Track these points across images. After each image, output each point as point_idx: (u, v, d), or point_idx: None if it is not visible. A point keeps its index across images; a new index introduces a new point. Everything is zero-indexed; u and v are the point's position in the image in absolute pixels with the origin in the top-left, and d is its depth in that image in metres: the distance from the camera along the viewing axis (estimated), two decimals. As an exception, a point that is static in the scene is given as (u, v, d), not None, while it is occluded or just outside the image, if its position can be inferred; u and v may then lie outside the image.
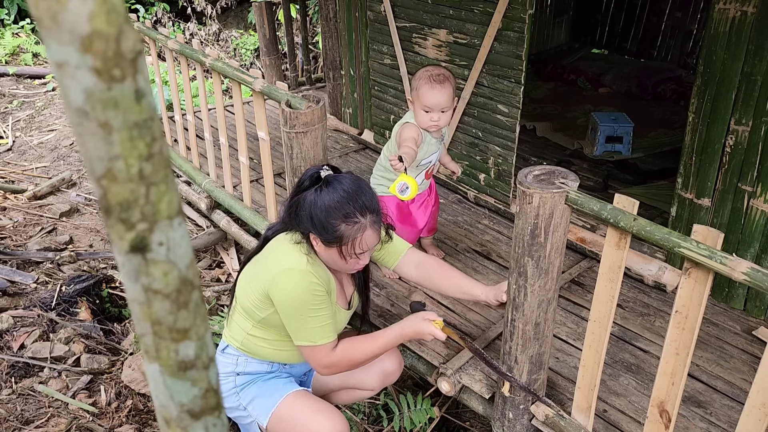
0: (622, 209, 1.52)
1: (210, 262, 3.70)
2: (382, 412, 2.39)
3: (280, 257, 1.83)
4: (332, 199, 1.76)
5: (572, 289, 2.67)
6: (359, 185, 1.82)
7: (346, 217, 1.75)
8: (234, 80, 2.78)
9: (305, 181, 1.85)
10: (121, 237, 0.45)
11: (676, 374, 1.53)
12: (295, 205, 1.83)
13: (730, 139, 2.33)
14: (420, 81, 2.37)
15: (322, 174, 1.83)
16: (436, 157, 2.56)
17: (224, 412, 0.59)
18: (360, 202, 1.77)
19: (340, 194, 1.76)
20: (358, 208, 1.76)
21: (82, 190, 4.47)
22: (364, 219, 1.77)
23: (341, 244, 1.77)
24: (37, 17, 0.39)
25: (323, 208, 1.76)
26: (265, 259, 1.89)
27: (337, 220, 1.75)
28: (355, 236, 1.76)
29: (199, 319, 0.52)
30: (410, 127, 2.44)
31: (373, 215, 1.80)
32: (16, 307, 3.00)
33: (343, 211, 1.75)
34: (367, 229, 1.78)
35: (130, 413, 2.53)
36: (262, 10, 4.63)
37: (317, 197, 1.78)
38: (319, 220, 1.76)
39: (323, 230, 1.76)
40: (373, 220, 1.80)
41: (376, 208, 1.82)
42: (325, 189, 1.79)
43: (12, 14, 7.66)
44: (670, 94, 4.65)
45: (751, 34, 2.18)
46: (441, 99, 2.35)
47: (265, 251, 1.91)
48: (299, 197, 1.83)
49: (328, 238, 1.77)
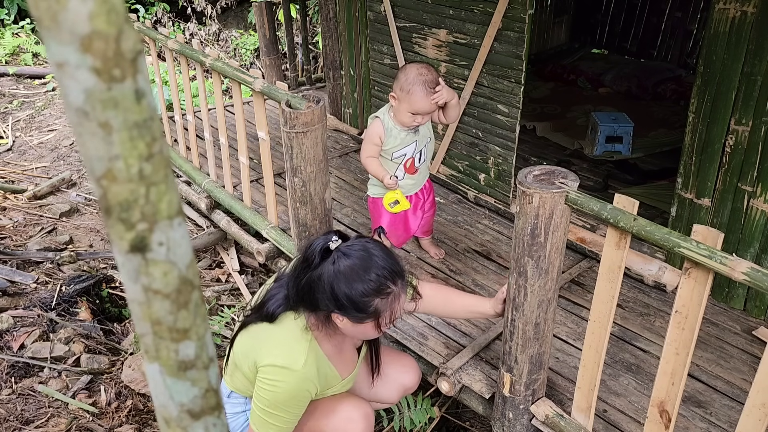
0: (622, 209, 1.52)
1: (210, 262, 3.70)
2: (382, 412, 2.39)
3: (281, 347, 1.70)
4: (358, 275, 1.60)
5: (572, 289, 2.67)
6: (378, 250, 1.66)
7: (378, 291, 1.61)
8: (234, 80, 2.78)
9: (314, 257, 1.65)
10: (121, 237, 0.45)
11: (676, 374, 1.53)
12: (309, 285, 1.65)
13: (730, 139, 2.33)
14: (414, 85, 2.30)
15: (331, 246, 1.66)
16: (412, 150, 2.50)
17: (224, 412, 0.59)
18: (387, 269, 1.63)
19: (364, 267, 1.61)
20: (389, 276, 1.63)
21: (82, 190, 4.47)
22: (396, 287, 1.65)
23: (377, 318, 1.64)
24: (37, 17, 0.39)
25: (350, 286, 1.60)
26: (266, 339, 1.74)
27: (370, 296, 1.61)
28: (392, 306, 1.65)
29: (199, 319, 0.52)
30: (375, 123, 2.46)
31: (402, 279, 1.68)
32: (16, 307, 3.00)
33: (374, 286, 1.60)
34: (401, 296, 1.67)
35: (130, 413, 2.53)
36: (262, 10, 4.63)
37: (338, 275, 1.60)
38: (348, 300, 1.60)
39: (354, 309, 1.62)
40: (402, 285, 1.68)
41: (401, 269, 1.69)
42: (344, 263, 1.61)
43: (12, 14, 7.66)
44: (670, 94, 4.64)
45: (751, 34, 2.18)
46: (432, 107, 2.36)
47: (268, 328, 1.75)
48: (311, 275, 1.65)
49: (360, 317, 1.64)
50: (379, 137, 2.45)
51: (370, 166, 2.50)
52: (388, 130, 2.43)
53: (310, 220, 2.52)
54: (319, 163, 2.40)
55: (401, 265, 1.71)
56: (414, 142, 2.49)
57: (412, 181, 2.58)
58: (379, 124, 2.44)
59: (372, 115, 2.50)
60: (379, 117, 2.46)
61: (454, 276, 2.75)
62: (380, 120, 2.45)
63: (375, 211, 2.64)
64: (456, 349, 2.31)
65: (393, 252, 1.73)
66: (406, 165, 2.53)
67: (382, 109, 2.48)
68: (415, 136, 2.48)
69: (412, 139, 2.48)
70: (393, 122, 2.43)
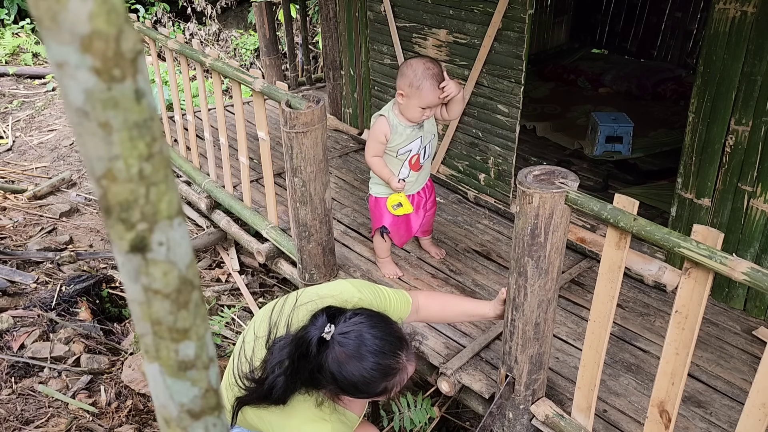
0: (622, 209, 1.52)
1: (210, 262, 3.70)
2: (382, 412, 2.39)
3: (303, 426, 1.62)
4: (361, 364, 1.52)
5: (572, 289, 2.67)
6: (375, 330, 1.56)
7: (385, 374, 1.54)
8: (234, 80, 2.78)
9: (310, 349, 1.55)
10: (121, 237, 0.45)
11: (676, 374, 1.53)
12: (311, 376, 1.57)
13: (730, 139, 2.33)
14: (424, 80, 2.30)
15: (326, 337, 1.55)
16: (417, 146, 2.50)
17: (224, 412, 0.59)
18: (388, 350, 1.54)
19: (365, 354, 1.52)
20: (392, 356, 1.55)
21: (82, 190, 4.47)
22: (402, 361, 1.57)
23: (388, 393, 1.59)
24: (37, 17, 0.39)
25: (354, 376, 1.52)
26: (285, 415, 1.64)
27: (377, 381, 1.54)
28: (401, 378, 1.59)
29: (199, 319, 0.52)
30: (380, 121, 2.45)
31: (408, 348, 1.60)
32: (16, 307, 3.00)
33: (379, 373, 1.53)
34: (407, 366, 1.59)
35: (130, 413, 2.53)
36: (262, 10, 4.63)
37: (340, 366, 1.52)
38: (355, 387, 1.54)
39: (363, 393, 1.57)
40: (408, 354, 1.60)
41: (402, 338, 1.61)
42: (343, 354, 1.53)
43: (12, 14, 7.66)
44: (670, 94, 4.65)
45: (751, 34, 2.18)
46: (440, 99, 2.36)
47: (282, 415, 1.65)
48: (311, 368, 1.56)
49: (369, 395, 1.60)
50: (384, 135, 2.44)
51: (375, 165, 2.50)
52: (394, 127, 2.44)
53: (310, 220, 2.52)
54: (319, 163, 2.40)
55: (402, 333, 1.63)
56: (419, 137, 2.49)
57: (414, 179, 2.58)
58: (384, 122, 2.44)
59: (376, 114, 2.50)
60: (384, 115, 2.46)
61: (454, 276, 2.75)
62: (385, 118, 2.44)
63: (377, 210, 2.64)
64: (456, 349, 2.31)
65: (390, 319, 1.64)
66: (411, 161, 2.53)
67: (386, 107, 2.48)
68: (420, 131, 2.48)
69: (417, 135, 2.48)
70: (398, 119, 2.43)
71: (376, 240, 2.72)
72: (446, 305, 2.01)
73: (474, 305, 2.00)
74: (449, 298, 2.04)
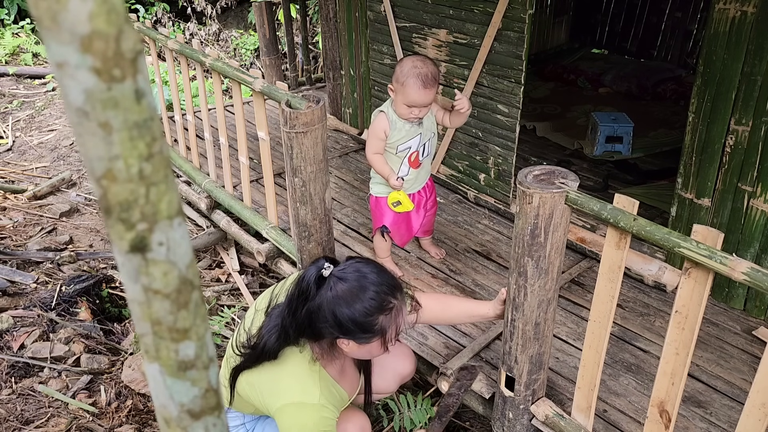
0: (622, 209, 1.52)
1: (210, 262, 3.70)
2: (382, 412, 2.39)
3: (293, 385, 1.67)
4: (358, 296, 1.59)
5: (572, 289, 2.67)
6: (372, 268, 1.65)
7: (381, 308, 1.61)
8: (234, 80, 2.78)
9: (309, 287, 1.63)
10: (121, 237, 0.45)
11: (676, 374, 1.53)
12: (308, 317, 1.63)
13: (730, 139, 2.33)
14: (408, 77, 2.32)
15: (325, 273, 1.64)
16: (416, 143, 2.51)
17: (224, 412, 0.59)
18: (385, 285, 1.63)
19: (362, 287, 1.60)
20: (388, 291, 1.62)
21: (82, 190, 4.47)
22: (397, 300, 1.64)
23: (383, 335, 1.64)
24: (37, 17, 0.39)
25: (352, 308, 1.59)
26: (275, 380, 1.70)
27: (374, 315, 1.60)
28: (396, 320, 1.64)
29: (199, 319, 0.52)
30: (379, 117, 2.48)
31: (401, 292, 1.67)
32: (16, 307, 3.00)
33: (376, 303, 1.60)
34: (402, 308, 1.66)
35: (130, 413, 2.53)
36: (262, 10, 4.63)
37: (337, 300, 1.60)
38: (353, 322, 1.60)
39: (360, 331, 1.61)
40: (402, 298, 1.67)
41: (398, 282, 1.69)
42: (341, 287, 1.61)
43: (12, 14, 7.66)
44: (670, 94, 4.65)
45: (751, 34, 2.18)
46: (427, 99, 2.37)
47: (273, 369, 1.71)
48: (309, 306, 1.63)
49: (367, 337, 1.63)
50: (383, 131, 2.46)
51: (375, 163, 2.51)
52: (393, 122, 2.45)
53: (310, 220, 2.52)
54: (319, 163, 2.40)
55: (396, 279, 1.71)
56: (418, 135, 2.50)
57: (414, 177, 2.58)
58: (384, 118, 2.46)
59: (376, 110, 2.52)
60: (384, 111, 2.48)
61: (454, 276, 2.75)
62: (385, 114, 2.47)
63: (377, 210, 2.64)
64: (456, 349, 2.31)
65: (386, 267, 1.72)
66: (410, 159, 2.54)
67: (386, 103, 2.51)
68: (419, 128, 2.50)
69: (416, 132, 2.50)
70: (397, 115, 2.45)
71: (377, 240, 2.73)
72: (447, 306, 2.02)
73: (474, 305, 2.01)
74: (450, 299, 2.04)
